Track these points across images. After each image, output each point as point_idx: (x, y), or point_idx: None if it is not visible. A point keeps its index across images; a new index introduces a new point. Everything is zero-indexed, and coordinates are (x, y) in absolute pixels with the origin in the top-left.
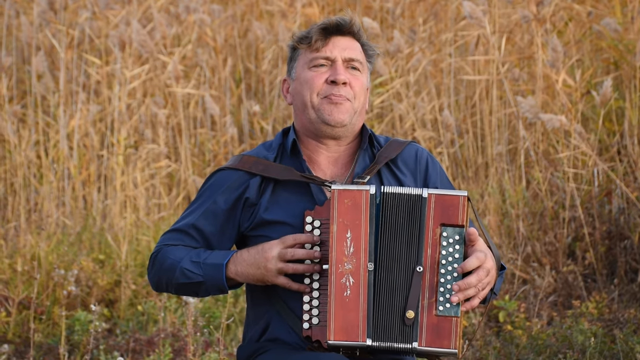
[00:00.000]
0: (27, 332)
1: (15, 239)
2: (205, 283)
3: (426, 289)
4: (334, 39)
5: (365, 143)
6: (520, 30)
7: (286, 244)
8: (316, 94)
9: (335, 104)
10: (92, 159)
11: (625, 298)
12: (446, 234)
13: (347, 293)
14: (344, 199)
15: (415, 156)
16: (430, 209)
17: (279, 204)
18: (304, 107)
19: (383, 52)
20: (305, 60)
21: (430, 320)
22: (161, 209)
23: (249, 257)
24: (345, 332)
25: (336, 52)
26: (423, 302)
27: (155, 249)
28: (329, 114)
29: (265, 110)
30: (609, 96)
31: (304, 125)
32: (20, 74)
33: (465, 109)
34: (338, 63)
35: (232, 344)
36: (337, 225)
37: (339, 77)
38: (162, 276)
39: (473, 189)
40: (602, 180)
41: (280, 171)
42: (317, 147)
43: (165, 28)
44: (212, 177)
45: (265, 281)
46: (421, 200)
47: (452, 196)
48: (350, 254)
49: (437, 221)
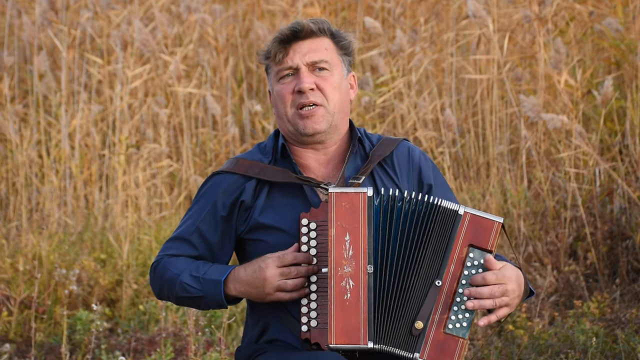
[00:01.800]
0: (29, 332)
1: (16, 239)
2: (204, 298)
3: (440, 304)
4: (294, 45)
5: (355, 147)
6: (522, 30)
7: (284, 263)
8: (289, 106)
9: (307, 117)
10: (93, 158)
11: (627, 298)
12: (472, 255)
13: (348, 296)
14: (341, 202)
15: (407, 155)
16: (463, 227)
17: (274, 208)
18: (282, 119)
19: (385, 52)
20: (274, 73)
21: (437, 335)
22: (163, 209)
23: (246, 276)
24: (346, 335)
25: (297, 59)
26: (434, 316)
27: (156, 258)
28: (304, 127)
29: (266, 110)
30: (610, 96)
31: (287, 134)
32: (22, 73)
33: (467, 109)
34: (302, 70)
35: (233, 343)
36: (335, 229)
37: (303, 85)
38: (163, 287)
39: (474, 189)
40: (603, 180)
41: (275, 174)
42: (305, 152)
43: (166, 28)
44: (209, 181)
45: (263, 300)
46: (456, 217)
47: (488, 220)
48: (350, 257)
49: (467, 241)
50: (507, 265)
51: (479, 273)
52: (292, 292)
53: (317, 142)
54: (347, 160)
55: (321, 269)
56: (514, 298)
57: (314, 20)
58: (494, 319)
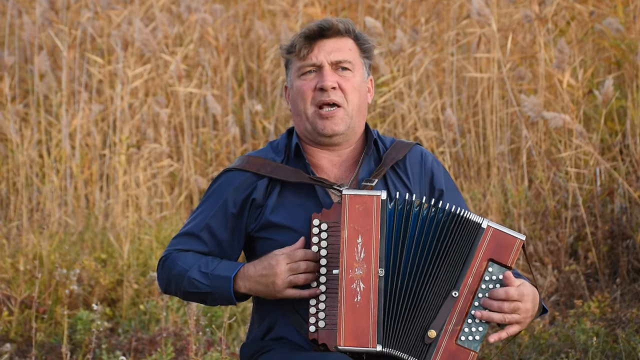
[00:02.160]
0: (29, 332)
1: (17, 238)
2: (213, 294)
3: (455, 315)
4: (319, 43)
5: (370, 148)
6: (523, 30)
7: (294, 259)
8: (309, 103)
9: (327, 118)
10: (94, 158)
11: (627, 297)
12: (491, 270)
13: (358, 299)
14: (355, 204)
15: (420, 159)
16: (485, 241)
17: (285, 207)
18: (300, 116)
19: (385, 52)
20: (295, 68)
21: (449, 346)
22: (163, 208)
23: (256, 273)
24: (355, 338)
25: (322, 57)
26: (448, 327)
27: (164, 252)
28: (323, 127)
29: (267, 109)
30: (610, 95)
31: (303, 132)
32: (22, 73)
33: (468, 108)
34: (325, 68)
35: (234, 343)
36: (348, 231)
37: (326, 83)
38: (171, 282)
39: (475, 189)
40: (604, 179)
41: (288, 173)
42: (319, 152)
43: (167, 27)
44: (220, 177)
45: (274, 297)
46: (478, 230)
47: (510, 236)
48: (361, 259)
49: (487, 255)
50: (525, 283)
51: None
52: (303, 289)
53: (334, 144)
54: (362, 162)
55: (332, 270)
56: (527, 317)
57: (342, 20)
58: (504, 336)
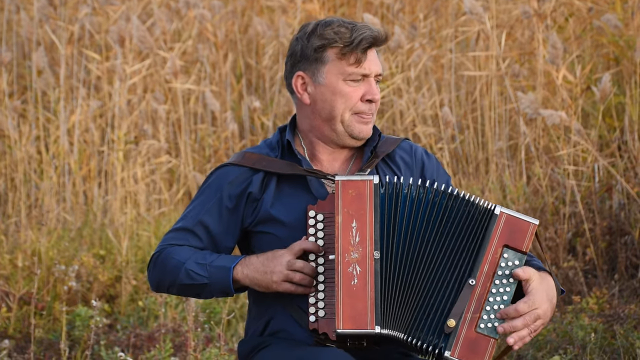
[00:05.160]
0: (28, 328)
1: (15, 235)
2: (209, 285)
3: (473, 303)
4: (370, 52)
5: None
6: (521, 26)
7: (294, 251)
8: (349, 109)
9: (365, 123)
10: (92, 154)
11: (625, 294)
12: (507, 256)
13: (355, 282)
14: (348, 190)
15: (410, 151)
16: (499, 227)
17: (282, 201)
18: (331, 117)
19: (383, 48)
20: (341, 70)
21: (469, 334)
22: (162, 205)
23: (258, 262)
24: (353, 321)
25: (373, 68)
26: (466, 315)
27: (157, 248)
28: (359, 131)
29: (265, 106)
30: (608, 91)
31: (322, 132)
32: (20, 69)
33: (466, 105)
34: (372, 80)
35: (232, 339)
36: (342, 216)
37: (377, 96)
38: (165, 276)
39: (474, 185)
40: (602, 176)
41: (283, 166)
42: (324, 147)
43: (165, 23)
44: (215, 173)
45: (268, 288)
46: (491, 216)
47: (523, 221)
48: (357, 243)
49: (502, 241)
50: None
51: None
52: (298, 286)
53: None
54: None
55: (328, 255)
56: (548, 316)
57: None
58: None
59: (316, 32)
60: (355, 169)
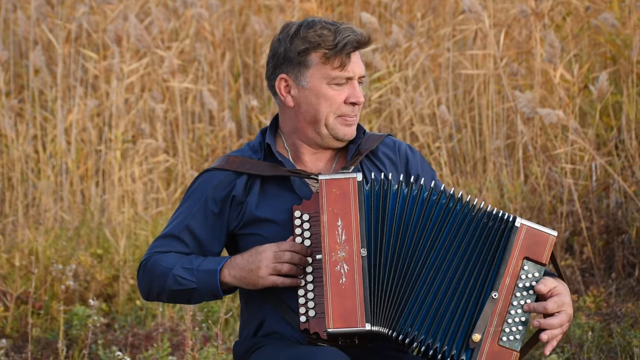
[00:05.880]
0: (25, 327)
1: (13, 234)
2: (198, 289)
3: (495, 317)
4: (353, 55)
5: (360, 138)
6: (519, 25)
7: (281, 248)
8: (333, 112)
9: (348, 126)
10: (89, 153)
11: (622, 292)
12: (527, 268)
13: (343, 280)
14: (331, 188)
15: (394, 146)
16: (519, 239)
17: (266, 202)
18: (315, 121)
19: (381, 47)
20: (325, 74)
21: (492, 348)
22: (159, 204)
23: (242, 260)
24: (344, 320)
25: (356, 71)
26: (489, 329)
27: (144, 256)
28: (344, 134)
29: (263, 105)
30: (605, 90)
31: (306, 134)
32: (17, 68)
33: (464, 104)
34: (355, 82)
35: (230, 338)
36: (327, 215)
37: (360, 99)
38: (153, 284)
39: (471, 184)
40: (599, 174)
41: (266, 168)
42: (307, 148)
43: (162, 22)
44: (199, 178)
45: (256, 284)
46: (512, 228)
47: (543, 233)
48: (343, 241)
49: (523, 254)
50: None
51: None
52: (286, 277)
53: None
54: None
55: (315, 255)
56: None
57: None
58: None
59: (299, 35)
60: (339, 167)
